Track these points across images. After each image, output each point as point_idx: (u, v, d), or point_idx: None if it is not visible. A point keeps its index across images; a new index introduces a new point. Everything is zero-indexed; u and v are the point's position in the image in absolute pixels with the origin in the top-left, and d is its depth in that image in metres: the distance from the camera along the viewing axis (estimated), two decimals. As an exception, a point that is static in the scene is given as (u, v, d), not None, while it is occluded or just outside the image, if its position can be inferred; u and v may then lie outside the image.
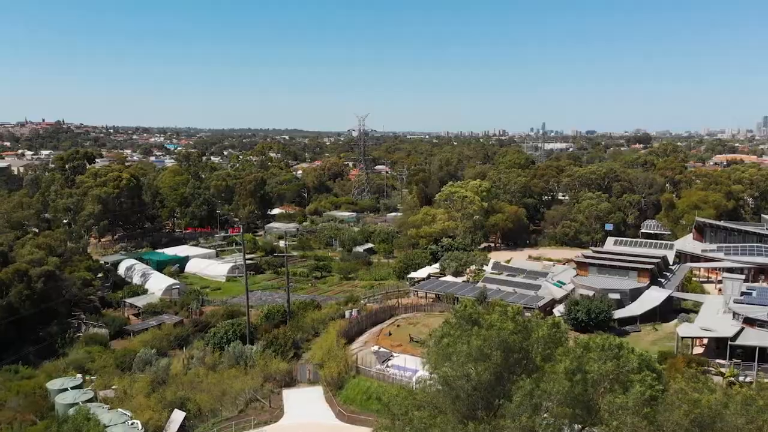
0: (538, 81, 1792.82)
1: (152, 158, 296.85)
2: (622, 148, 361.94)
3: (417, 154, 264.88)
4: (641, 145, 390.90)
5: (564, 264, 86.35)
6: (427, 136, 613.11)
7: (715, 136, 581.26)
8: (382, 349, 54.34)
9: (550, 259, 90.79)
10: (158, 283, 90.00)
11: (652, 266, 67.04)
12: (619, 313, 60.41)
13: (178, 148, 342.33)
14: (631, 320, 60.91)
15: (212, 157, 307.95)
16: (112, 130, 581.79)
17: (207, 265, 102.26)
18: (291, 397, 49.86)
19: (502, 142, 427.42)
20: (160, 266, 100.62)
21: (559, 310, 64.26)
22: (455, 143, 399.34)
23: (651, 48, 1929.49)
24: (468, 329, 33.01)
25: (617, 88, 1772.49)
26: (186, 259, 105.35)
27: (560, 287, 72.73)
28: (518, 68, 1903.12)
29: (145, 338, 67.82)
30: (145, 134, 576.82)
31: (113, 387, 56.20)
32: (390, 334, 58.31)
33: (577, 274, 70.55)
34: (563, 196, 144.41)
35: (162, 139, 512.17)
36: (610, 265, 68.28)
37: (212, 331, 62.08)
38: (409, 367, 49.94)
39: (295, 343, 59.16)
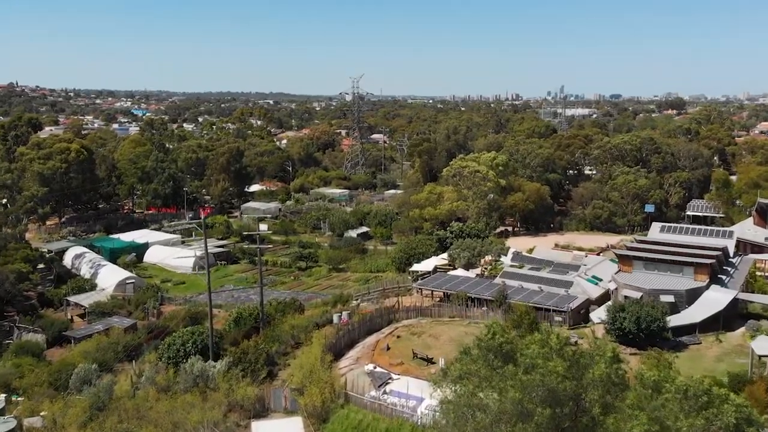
0: (556, 38, 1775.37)
1: (115, 125, 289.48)
2: (653, 114, 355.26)
3: (419, 121, 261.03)
4: (674, 111, 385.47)
5: (598, 254, 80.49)
6: (430, 101, 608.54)
7: (757, 101, 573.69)
8: (378, 369, 48.43)
9: (580, 248, 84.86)
10: (110, 277, 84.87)
11: (712, 260, 60.79)
12: (674, 321, 54.31)
13: (147, 114, 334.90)
14: (689, 329, 54.86)
15: (185, 125, 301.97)
16: (72, 94, 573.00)
17: (170, 253, 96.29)
18: (262, 431, 43.85)
19: (515, 107, 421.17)
20: (114, 255, 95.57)
21: (598, 315, 58.14)
22: (462, 109, 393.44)
23: (681, 1, 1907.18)
24: (498, 367, 26.56)
25: (644, 47, 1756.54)
26: (145, 246, 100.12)
27: (596, 284, 66.88)
28: (533, 23, 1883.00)
29: (87, 347, 62.14)
30: (110, 98, 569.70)
31: (42, 413, 50.43)
32: (388, 348, 52.30)
33: (619, 270, 64.31)
34: (590, 170, 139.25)
35: (129, 103, 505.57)
36: (661, 258, 62.06)
37: (167, 341, 55.94)
38: (413, 394, 44.15)
39: (270, 358, 53.08)
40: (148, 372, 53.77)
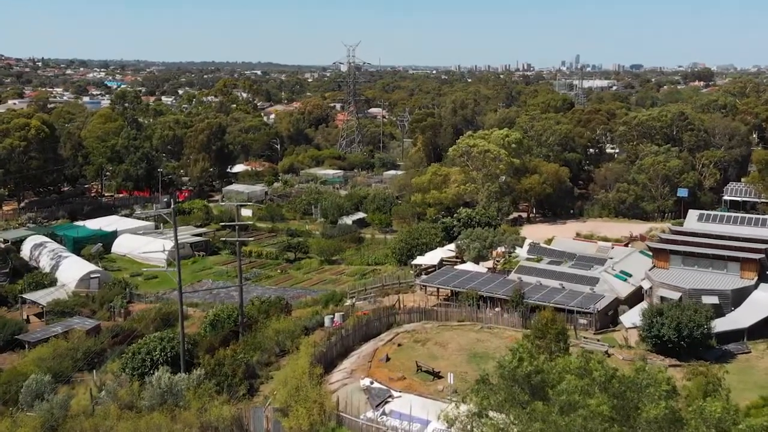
0: (570, 2, 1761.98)
1: (86, 99, 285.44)
2: (678, 86, 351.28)
3: (422, 94, 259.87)
4: (702, 83, 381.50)
5: (626, 245, 77.17)
6: (433, 72, 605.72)
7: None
8: (376, 385, 45.28)
9: (605, 239, 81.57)
10: (72, 270, 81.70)
11: (761, 254, 57.48)
12: (718, 325, 51.09)
13: (122, 86, 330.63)
14: (736, 335, 51.76)
15: (164, 98, 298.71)
16: (40, 64, 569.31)
17: (141, 243, 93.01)
18: (239, 459, 40.82)
19: (527, 78, 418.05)
20: (78, 245, 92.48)
21: (631, 320, 54.85)
22: (469, 80, 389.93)
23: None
24: (525, 402, 23.07)
25: (666, 12, 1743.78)
26: (114, 234, 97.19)
27: (625, 281, 63.66)
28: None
29: (43, 353, 58.99)
30: (82, 69, 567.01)
31: (-14, 434, 47.47)
32: (388, 359, 49.12)
33: (654, 266, 60.96)
34: (613, 149, 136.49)
35: (103, 74, 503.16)
36: (701, 253, 58.79)
37: (131, 349, 52.69)
38: (417, 415, 41.02)
39: (250, 369, 49.90)
40: (109, 385, 50.75)
